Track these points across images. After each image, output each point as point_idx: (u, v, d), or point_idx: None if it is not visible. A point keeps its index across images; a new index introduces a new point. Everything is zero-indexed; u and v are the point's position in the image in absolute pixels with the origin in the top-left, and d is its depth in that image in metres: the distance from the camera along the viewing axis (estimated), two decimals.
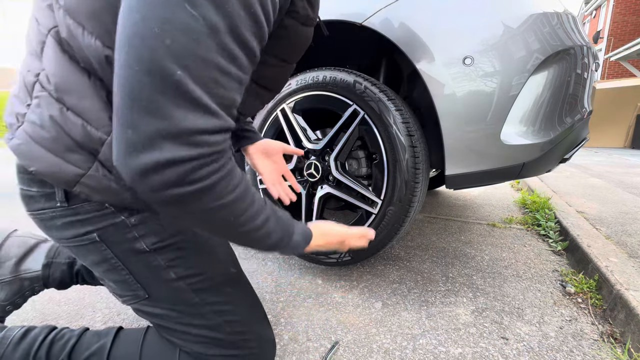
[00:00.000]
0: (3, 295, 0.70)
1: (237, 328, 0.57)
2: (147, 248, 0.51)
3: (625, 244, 1.26)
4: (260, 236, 0.46)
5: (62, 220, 0.49)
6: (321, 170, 1.00)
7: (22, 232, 0.79)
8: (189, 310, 0.54)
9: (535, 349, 0.75)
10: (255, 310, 0.63)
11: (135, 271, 0.52)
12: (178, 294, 0.53)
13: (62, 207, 0.48)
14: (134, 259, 0.51)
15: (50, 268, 0.75)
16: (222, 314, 0.56)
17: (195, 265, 0.55)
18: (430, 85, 0.81)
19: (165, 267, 0.52)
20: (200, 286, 0.55)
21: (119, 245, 0.50)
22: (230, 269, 0.60)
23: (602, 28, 13.62)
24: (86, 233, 0.49)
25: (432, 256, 1.26)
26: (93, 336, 0.57)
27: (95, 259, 0.51)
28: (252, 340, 0.59)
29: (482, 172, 0.85)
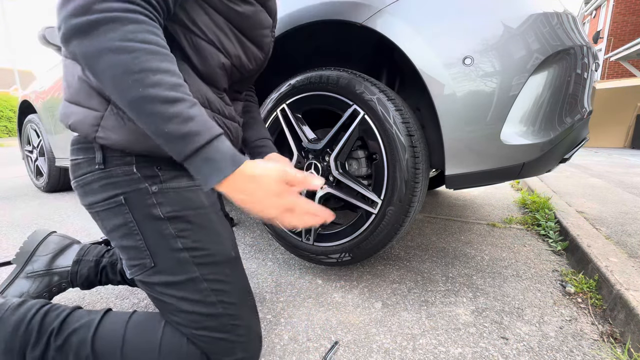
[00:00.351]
0: (33, 288, 0.78)
1: (230, 311, 0.59)
2: (162, 215, 0.57)
3: (625, 244, 1.26)
4: (173, 114, 0.43)
5: (98, 184, 0.57)
6: (321, 170, 1.00)
7: (61, 233, 0.89)
8: (187, 284, 0.57)
9: (535, 349, 0.75)
10: (249, 299, 0.65)
11: (147, 236, 0.57)
12: (181, 265, 0.57)
13: (99, 169, 0.57)
14: (149, 224, 0.57)
15: (79, 265, 0.83)
16: (218, 293, 0.59)
17: (201, 239, 0.59)
18: (430, 85, 0.82)
19: (175, 236, 0.57)
20: (202, 261, 0.58)
21: (139, 209, 0.57)
22: (231, 251, 0.63)
23: (602, 28, 13.62)
24: (115, 195, 0.57)
25: (432, 256, 1.26)
26: (84, 312, 0.61)
27: (116, 223, 0.58)
28: (241, 327, 0.60)
29: (482, 172, 0.85)
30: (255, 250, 1.31)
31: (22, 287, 0.76)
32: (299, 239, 1.07)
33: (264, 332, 0.80)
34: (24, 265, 0.79)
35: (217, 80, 0.64)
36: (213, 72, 0.62)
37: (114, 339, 0.57)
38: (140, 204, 0.57)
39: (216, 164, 0.46)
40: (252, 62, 0.70)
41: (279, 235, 1.12)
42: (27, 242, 0.82)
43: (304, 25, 0.98)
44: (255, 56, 0.70)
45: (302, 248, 1.07)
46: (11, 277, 0.77)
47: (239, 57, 0.65)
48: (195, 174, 0.48)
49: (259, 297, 0.97)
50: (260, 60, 0.73)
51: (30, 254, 0.81)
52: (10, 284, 0.76)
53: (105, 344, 0.56)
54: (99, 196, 0.57)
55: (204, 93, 0.62)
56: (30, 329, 0.55)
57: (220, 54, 0.61)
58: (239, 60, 0.66)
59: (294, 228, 0.53)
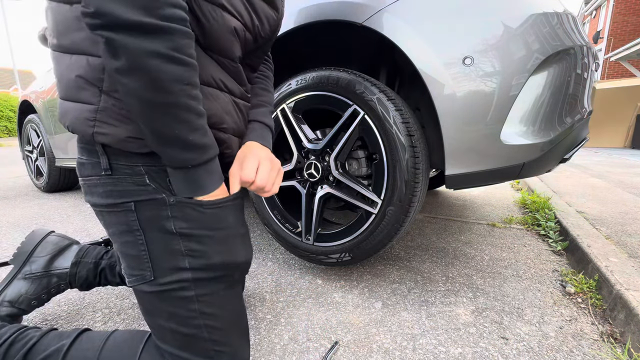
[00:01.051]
0: (32, 289, 0.77)
1: (215, 336, 0.56)
2: (175, 230, 0.53)
3: (625, 244, 1.26)
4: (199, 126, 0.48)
5: (104, 188, 0.54)
6: (321, 170, 1.00)
7: (59, 233, 0.87)
8: (180, 303, 0.54)
9: (535, 349, 0.75)
10: (239, 324, 0.61)
11: (152, 249, 0.53)
12: (181, 283, 0.54)
13: (106, 175, 0.53)
14: (158, 236, 0.53)
15: (78, 266, 0.82)
16: (207, 317, 0.55)
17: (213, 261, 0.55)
18: (430, 86, 0.81)
19: (184, 254, 0.54)
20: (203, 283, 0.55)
21: (150, 220, 0.53)
22: (235, 273, 0.59)
23: (602, 28, 13.62)
24: (123, 203, 0.53)
25: (432, 256, 1.26)
26: (55, 337, 0.57)
27: (121, 229, 0.54)
28: (225, 355, 0.57)
29: (482, 172, 0.85)
30: (255, 250, 1.31)
31: (20, 288, 0.76)
32: (299, 239, 1.07)
33: (264, 332, 0.80)
34: (21, 266, 0.78)
35: (228, 48, 0.57)
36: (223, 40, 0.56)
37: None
38: (153, 215, 0.53)
39: (214, 175, 0.52)
40: (264, 25, 0.63)
41: (279, 235, 1.12)
42: (25, 243, 0.81)
43: (304, 26, 0.98)
44: (267, 16, 0.63)
45: (302, 248, 1.07)
46: (9, 278, 0.76)
47: (250, 17, 0.59)
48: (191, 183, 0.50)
49: (259, 297, 0.97)
50: (274, 21, 0.65)
51: (28, 254, 0.79)
52: (7, 285, 0.75)
53: None
54: (105, 200, 0.54)
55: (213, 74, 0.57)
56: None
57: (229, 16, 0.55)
58: (250, 20, 0.59)
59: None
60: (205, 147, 0.49)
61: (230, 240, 0.57)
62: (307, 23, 0.96)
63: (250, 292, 0.99)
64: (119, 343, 0.57)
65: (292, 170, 1.08)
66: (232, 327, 0.59)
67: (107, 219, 0.55)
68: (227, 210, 0.56)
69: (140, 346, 0.56)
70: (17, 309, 0.74)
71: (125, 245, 0.55)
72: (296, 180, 1.08)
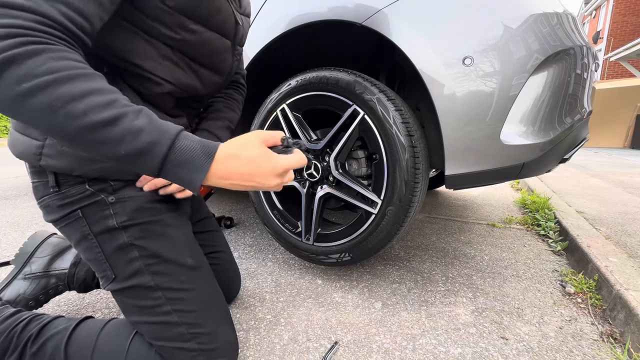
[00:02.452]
0: (30, 290, 0.78)
1: (187, 319, 0.59)
2: (117, 224, 0.58)
3: (625, 244, 1.26)
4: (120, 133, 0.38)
5: (55, 204, 0.58)
6: (321, 170, 1.00)
7: (60, 235, 0.89)
8: (143, 294, 0.58)
9: (535, 349, 0.75)
10: (215, 307, 0.64)
11: (105, 248, 0.58)
12: (137, 275, 0.58)
13: (54, 192, 0.58)
14: (106, 235, 0.58)
15: (77, 267, 0.84)
16: (173, 302, 0.58)
17: (155, 247, 0.59)
18: (430, 86, 0.82)
19: (129, 244, 0.58)
20: (156, 269, 0.59)
21: (96, 222, 0.58)
22: (187, 258, 0.63)
23: (602, 28, 13.62)
24: (72, 211, 0.58)
25: (432, 256, 1.26)
26: (63, 320, 0.63)
27: (78, 237, 0.59)
28: (202, 335, 0.59)
29: (482, 172, 0.85)
30: (255, 250, 1.31)
31: (19, 288, 0.77)
32: (299, 239, 1.07)
33: (264, 332, 0.80)
34: (22, 266, 0.79)
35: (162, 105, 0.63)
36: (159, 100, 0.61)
37: (85, 346, 0.58)
38: (97, 217, 0.58)
39: (190, 164, 0.42)
40: (207, 87, 0.68)
41: (279, 235, 1.12)
42: (26, 244, 0.83)
43: (304, 26, 0.98)
44: (211, 81, 0.68)
45: (302, 248, 1.07)
46: (9, 278, 0.78)
47: (192, 85, 0.63)
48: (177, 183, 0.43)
49: (259, 297, 0.97)
50: (218, 85, 0.71)
51: (29, 255, 0.81)
52: (7, 285, 0.76)
53: (77, 350, 0.58)
54: (58, 214, 0.58)
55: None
56: (11, 336, 0.58)
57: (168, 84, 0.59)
58: (191, 87, 0.64)
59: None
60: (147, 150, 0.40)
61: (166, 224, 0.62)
62: (307, 23, 0.96)
63: (250, 292, 0.99)
64: (117, 326, 0.62)
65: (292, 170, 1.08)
66: (206, 308, 0.62)
67: (66, 231, 0.60)
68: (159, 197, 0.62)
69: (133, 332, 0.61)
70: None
71: (86, 252, 0.60)
72: (296, 180, 1.08)
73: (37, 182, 0.59)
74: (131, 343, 0.59)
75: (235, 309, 0.90)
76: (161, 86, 0.59)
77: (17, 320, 0.60)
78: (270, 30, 1.04)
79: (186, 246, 0.64)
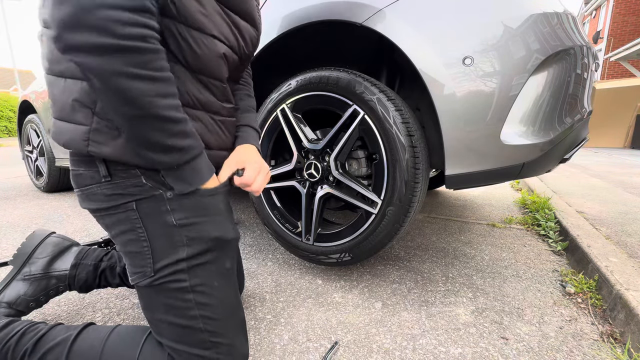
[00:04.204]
0: (30, 290, 0.77)
1: (210, 327, 0.57)
2: (175, 222, 0.56)
3: (625, 244, 1.26)
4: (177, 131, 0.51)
5: (104, 194, 0.56)
6: (321, 170, 1.00)
7: (60, 234, 0.87)
8: (176, 293, 0.57)
9: (535, 349, 0.75)
10: (235, 317, 0.63)
11: (154, 244, 0.56)
12: (177, 274, 0.56)
13: (106, 181, 0.56)
14: (160, 231, 0.56)
15: (78, 268, 0.82)
16: (202, 307, 0.57)
17: (205, 249, 0.58)
18: (430, 85, 0.82)
19: (184, 244, 0.57)
20: (196, 272, 0.57)
21: (151, 216, 0.56)
22: (226, 263, 0.62)
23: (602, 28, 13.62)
24: (125, 203, 0.56)
25: (432, 256, 1.26)
26: (62, 329, 0.60)
27: (123, 228, 0.57)
28: (222, 345, 0.58)
29: (482, 172, 0.85)
30: (255, 250, 1.31)
31: (18, 289, 0.75)
32: (299, 239, 1.07)
33: (264, 332, 0.80)
34: (21, 267, 0.78)
35: (217, 71, 0.61)
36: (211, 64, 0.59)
37: (89, 356, 0.56)
38: (153, 211, 0.56)
39: (200, 172, 0.56)
40: (248, 44, 0.67)
41: (279, 235, 1.12)
42: (25, 244, 0.81)
43: (304, 26, 0.98)
44: (251, 36, 0.67)
45: (302, 248, 1.07)
46: (8, 279, 0.76)
47: (236, 40, 0.63)
48: (177, 180, 0.54)
49: (259, 297, 0.97)
50: (256, 39, 0.70)
51: (28, 255, 0.79)
52: (6, 286, 0.75)
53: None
54: (106, 204, 0.57)
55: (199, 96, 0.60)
56: (5, 351, 0.55)
57: (220, 43, 0.59)
58: (237, 43, 0.63)
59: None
60: (185, 149, 0.52)
61: (223, 221, 0.61)
62: (307, 23, 0.96)
63: (250, 292, 0.99)
64: (123, 335, 0.59)
65: (292, 170, 1.08)
66: (228, 318, 0.60)
67: (108, 221, 0.58)
68: (219, 197, 0.61)
69: (143, 337, 0.59)
70: (14, 311, 0.74)
71: (129, 244, 0.57)
72: (296, 180, 1.08)
73: (83, 171, 0.57)
74: (141, 351, 0.57)
75: None
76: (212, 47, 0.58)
77: (11, 332, 0.57)
78: (271, 30, 1.04)
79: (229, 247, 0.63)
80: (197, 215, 0.58)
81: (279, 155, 1.21)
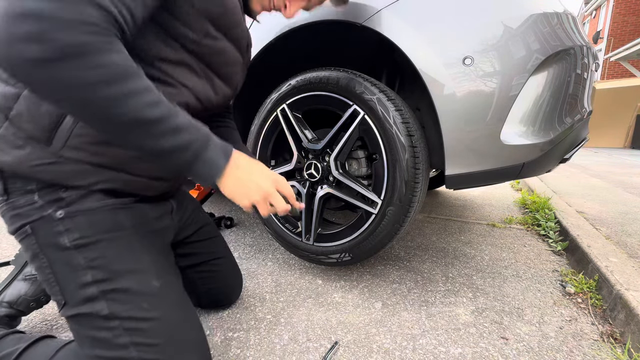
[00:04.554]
0: (31, 291, 0.76)
1: (148, 354, 0.51)
2: (68, 244, 0.51)
3: (625, 244, 1.26)
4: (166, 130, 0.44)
5: (7, 215, 0.53)
6: (321, 170, 1.00)
7: None
8: (98, 323, 0.51)
9: (535, 349, 0.75)
10: (181, 336, 0.55)
11: (56, 270, 0.52)
12: (91, 301, 0.51)
13: (3, 200, 0.52)
14: (57, 255, 0.51)
15: None
16: (133, 333, 0.51)
17: (114, 270, 0.52)
18: (431, 85, 0.82)
19: (85, 267, 0.51)
20: (113, 296, 0.51)
21: (46, 239, 0.52)
22: (153, 281, 0.55)
23: (602, 28, 13.62)
24: (22, 226, 0.52)
25: (432, 256, 1.26)
26: (13, 341, 0.56)
27: (30, 255, 0.53)
28: None
29: (482, 172, 0.85)
30: (255, 250, 1.31)
31: (20, 289, 0.75)
32: (299, 239, 1.07)
33: (264, 332, 0.80)
34: (22, 267, 0.78)
35: None
36: None
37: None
38: (47, 233, 0.51)
39: (213, 162, 0.50)
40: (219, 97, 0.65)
41: (279, 235, 1.12)
42: None
43: (304, 26, 0.98)
44: (223, 93, 0.66)
45: (302, 248, 1.07)
46: (9, 279, 0.77)
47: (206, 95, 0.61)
48: (196, 177, 0.49)
49: (259, 297, 0.97)
50: (227, 98, 0.69)
51: None
52: (7, 286, 0.76)
53: None
54: (12, 227, 0.53)
55: None
56: None
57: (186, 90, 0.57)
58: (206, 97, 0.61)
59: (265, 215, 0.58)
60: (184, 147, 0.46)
61: (128, 242, 0.54)
62: (307, 23, 0.96)
63: (250, 292, 0.99)
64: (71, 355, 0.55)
65: (292, 170, 1.08)
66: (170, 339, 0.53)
67: (22, 246, 0.54)
68: (120, 212, 0.55)
69: None
70: (15, 310, 0.74)
71: (38, 272, 0.53)
72: (296, 180, 1.08)
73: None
74: None
75: (235, 309, 0.90)
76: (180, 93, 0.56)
77: None
78: (271, 30, 1.04)
79: (152, 266, 0.56)
80: (96, 233, 0.52)
81: (278, 155, 1.21)
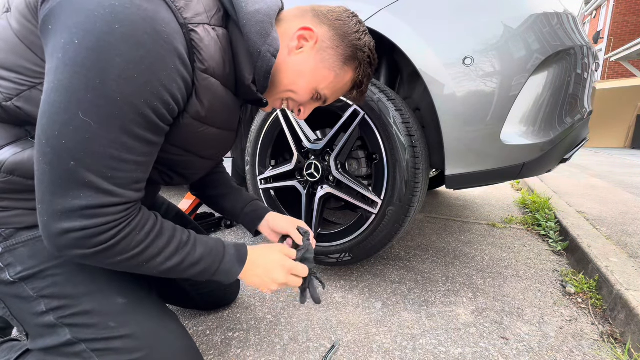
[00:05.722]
0: None
1: None
2: (12, 278, 0.49)
3: (626, 244, 1.26)
4: (185, 267, 0.51)
5: None
6: (321, 170, 1.00)
7: None
8: (64, 350, 0.50)
9: (535, 349, 0.75)
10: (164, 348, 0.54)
11: (9, 305, 0.52)
12: (49, 330, 0.50)
13: None
14: (5, 290, 0.51)
15: None
16: (103, 354, 0.50)
17: (68, 295, 0.50)
18: (431, 86, 0.81)
19: (35, 297, 0.50)
20: (72, 321, 0.50)
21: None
22: (117, 299, 0.53)
23: (602, 28, 13.62)
24: None
25: (432, 256, 1.26)
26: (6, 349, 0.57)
27: None
28: None
29: (482, 172, 0.85)
30: None
31: None
32: None
33: (264, 332, 0.80)
34: None
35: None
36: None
37: None
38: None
39: (229, 272, 0.56)
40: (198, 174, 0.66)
41: None
42: None
43: None
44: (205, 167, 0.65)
45: None
46: None
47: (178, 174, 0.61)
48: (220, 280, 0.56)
49: (259, 297, 0.97)
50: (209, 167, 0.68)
51: None
52: None
53: None
54: None
55: None
56: None
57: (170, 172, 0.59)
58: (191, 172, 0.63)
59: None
60: (206, 270, 0.53)
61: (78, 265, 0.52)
62: None
63: (250, 292, 0.99)
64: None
65: (292, 170, 1.08)
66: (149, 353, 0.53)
67: None
68: None
69: None
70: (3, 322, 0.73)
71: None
72: (296, 180, 1.08)
73: None
74: None
75: (235, 309, 0.90)
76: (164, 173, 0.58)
77: None
78: None
79: (113, 284, 0.54)
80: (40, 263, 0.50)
81: (279, 155, 1.21)
